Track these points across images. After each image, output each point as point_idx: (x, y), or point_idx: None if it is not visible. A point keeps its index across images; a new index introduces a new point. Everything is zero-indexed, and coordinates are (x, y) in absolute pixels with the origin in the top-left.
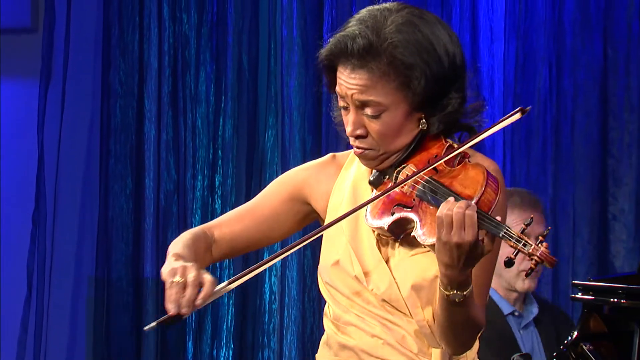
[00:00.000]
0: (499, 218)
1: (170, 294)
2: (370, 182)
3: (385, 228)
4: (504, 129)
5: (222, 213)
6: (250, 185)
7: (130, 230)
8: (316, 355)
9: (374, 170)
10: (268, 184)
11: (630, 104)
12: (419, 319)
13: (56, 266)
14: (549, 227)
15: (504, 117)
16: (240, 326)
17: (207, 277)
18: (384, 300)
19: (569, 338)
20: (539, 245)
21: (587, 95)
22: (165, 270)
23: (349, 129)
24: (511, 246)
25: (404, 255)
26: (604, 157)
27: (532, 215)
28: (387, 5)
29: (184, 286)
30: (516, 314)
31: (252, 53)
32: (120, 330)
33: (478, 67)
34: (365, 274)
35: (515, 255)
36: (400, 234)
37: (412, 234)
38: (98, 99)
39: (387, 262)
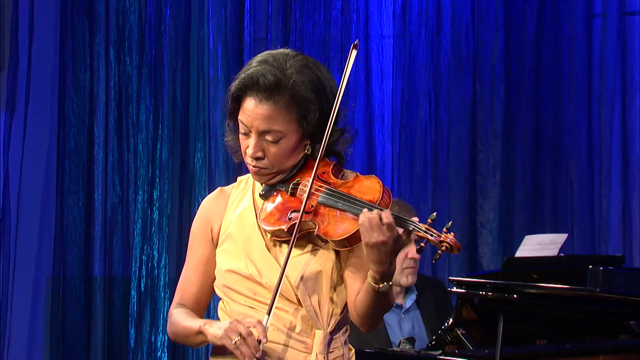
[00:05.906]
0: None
1: (240, 353)
2: (260, 195)
3: (285, 230)
4: (392, 152)
5: (159, 222)
6: (183, 198)
7: (82, 236)
8: None
9: (263, 185)
10: (197, 198)
11: (494, 131)
12: (307, 304)
13: (18, 267)
14: (451, 221)
15: (347, 62)
16: None
17: (252, 321)
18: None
19: (446, 324)
20: (448, 234)
21: (459, 124)
22: (221, 337)
23: (250, 151)
24: (420, 237)
25: (293, 253)
26: (473, 175)
27: (435, 212)
28: (282, 50)
29: (244, 340)
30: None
31: (184, 89)
32: (73, 321)
33: (353, 105)
34: (259, 272)
35: (425, 243)
36: (296, 234)
37: (315, 234)
38: (55, 127)
39: (277, 260)
